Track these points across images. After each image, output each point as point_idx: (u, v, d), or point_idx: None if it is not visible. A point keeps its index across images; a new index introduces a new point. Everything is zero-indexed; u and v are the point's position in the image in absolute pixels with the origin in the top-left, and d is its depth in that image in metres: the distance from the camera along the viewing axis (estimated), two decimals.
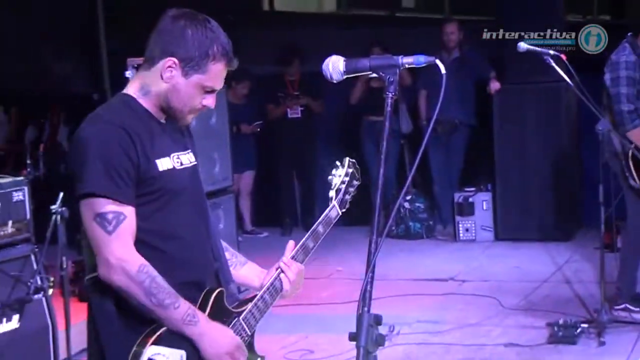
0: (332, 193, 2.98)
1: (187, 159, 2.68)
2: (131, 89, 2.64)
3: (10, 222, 4.87)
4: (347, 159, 3.05)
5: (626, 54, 5.83)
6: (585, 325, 5.81)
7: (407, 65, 2.37)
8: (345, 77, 2.44)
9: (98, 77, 10.09)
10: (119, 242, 2.46)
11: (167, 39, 2.56)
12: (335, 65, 2.44)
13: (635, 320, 5.88)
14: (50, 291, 4.99)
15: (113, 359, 2.50)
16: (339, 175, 3.00)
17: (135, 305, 2.47)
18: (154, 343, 2.46)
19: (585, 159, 8.62)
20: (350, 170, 3.02)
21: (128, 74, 6.02)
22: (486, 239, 8.69)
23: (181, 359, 2.49)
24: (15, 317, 4.80)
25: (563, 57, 5.60)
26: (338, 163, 3.03)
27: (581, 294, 6.70)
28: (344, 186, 3.00)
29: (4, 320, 4.74)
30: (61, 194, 5.05)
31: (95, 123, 2.55)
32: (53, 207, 5.00)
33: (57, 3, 9.65)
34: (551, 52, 5.63)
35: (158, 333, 2.47)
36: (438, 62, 2.35)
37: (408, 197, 8.98)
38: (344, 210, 3.00)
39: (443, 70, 2.33)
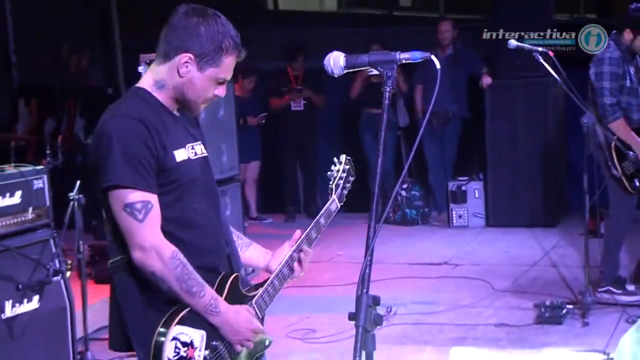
0: (331, 188, 2.99)
1: (199, 149, 2.68)
2: (145, 83, 2.63)
3: (30, 209, 4.88)
4: (344, 156, 3.06)
5: (610, 50, 5.83)
6: (571, 307, 5.82)
7: (404, 61, 2.37)
8: (345, 71, 2.45)
9: (112, 72, 10.10)
10: (150, 229, 2.47)
11: (181, 36, 2.56)
12: (336, 61, 2.44)
13: (618, 302, 5.89)
14: (68, 273, 5.00)
15: (137, 337, 2.52)
16: (337, 171, 3.02)
17: (165, 289, 2.48)
18: (179, 323, 2.47)
19: (571, 150, 8.62)
20: (347, 167, 3.04)
21: (141, 69, 6.02)
22: (478, 225, 8.70)
23: (202, 338, 2.51)
24: (36, 298, 4.82)
25: (551, 53, 5.60)
26: (336, 160, 3.04)
27: (567, 277, 6.71)
28: (341, 182, 3.01)
29: (25, 300, 4.75)
30: (78, 182, 5.07)
31: (115, 117, 2.53)
32: (71, 194, 5.03)
33: (76, 3, 9.65)
34: (539, 49, 5.64)
35: (182, 314, 2.48)
36: (433, 57, 2.35)
37: (405, 186, 8.99)
38: (342, 203, 3.01)
39: (438, 66, 2.34)
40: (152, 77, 2.63)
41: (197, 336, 2.50)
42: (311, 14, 12.07)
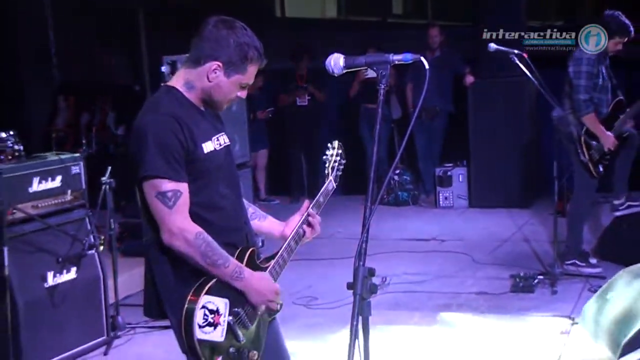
0: (328, 170, 2.99)
1: (223, 139, 2.68)
2: (177, 83, 2.62)
3: (69, 191, 4.90)
4: (337, 141, 3.05)
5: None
6: (541, 277, 5.84)
7: (396, 62, 2.36)
8: (344, 71, 2.44)
9: (139, 72, 10.08)
10: (178, 214, 2.47)
11: (212, 46, 2.55)
12: (336, 62, 2.43)
13: (582, 273, 5.90)
14: (101, 248, 5.02)
15: (170, 305, 2.53)
16: (332, 155, 3.01)
17: (192, 264, 2.49)
18: (206, 293, 2.48)
19: (543, 141, 8.59)
20: (340, 151, 3.03)
21: (163, 69, 6.01)
22: (461, 205, 8.69)
23: (226, 305, 2.52)
24: (73, 269, 4.84)
25: (525, 55, 5.58)
26: (329, 145, 3.03)
27: (538, 251, 6.71)
28: (336, 164, 3.01)
29: (64, 271, 4.78)
30: (109, 168, 5.08)
31: (152, 114, 2.52)
32: (103, 178, 5.04)
33: (107, 10, 9.63)
34: (515, 51, 5.62)
35: (209, 285, 2.49)
36: (422, 59, 2.34)
37: (397, 171, 8.97)
38: (337, 183, 3.01)
39: (427, 66, 2.33)
40: (183, 78, 2.62)
41: (221, 304, 2.51)
42: (314, 20, 11.98)
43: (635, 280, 4.46)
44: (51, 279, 4.70)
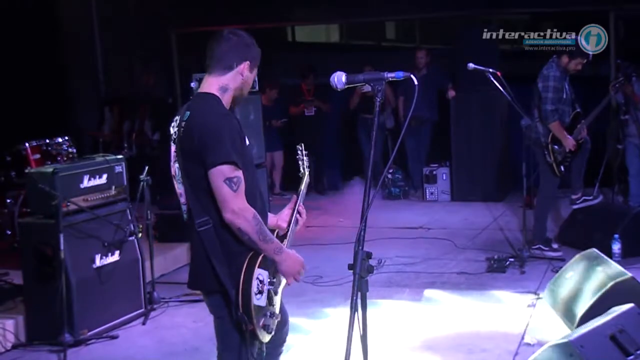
0: (303, 168, 3.02)
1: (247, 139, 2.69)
2: (212, 89, 2.61)
3: (113, 187, 4.92)
4: (302, 144, 3.06)
5: (553, 69, 5.77)
6: (512, 260, 5.84)
7: (390, 79, 2.37)
8: (346, 87, 2.44)
9: (171, 87, 10.09)
10: (240, 197, 2.49)
11: (240, 49, 2.61)
12: (339, 78, 2.43)
13: (546, 256, 5.91)
14: (140, 234, 5.04)
15: (227, 276, 2.50)
16: (302, 158, 3.04)
17: (246, 239, 2.50)
18: (258, 267, 2.52)
19: (514, 145, 8.56)
20: (305, 152, 3.06)
21: (192, 84, 6.01)
22: (445, 199, 8.68)
23: (266, 276, 2.57)
24: (117, 252, 4.86)
25: (499, 73, 5.57)
26: (298, 147, 3.04)
27: (509, 238, 6.71)
28: (307, 162, 3.05)
29: (109, 254, 4.81)
30: (146, 168, 5.09)
31: (217, 114, 2.53)
32: (141, 176, 5.05)
33: (145, 34, 9.65)
34: (490, 70, 5.60)
35: (258, 260, 2.53)
36: (412, 76, 2.35)
37: (390, 171, 8.96)
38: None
39: (415, 82, 2.33)
40: (216, 84, 2.61)
41: (264, 275, 2.56)
42: (320, 44, 11.98)
43: (589, 262, 4.46)
44: (98, 261, 4.72)
